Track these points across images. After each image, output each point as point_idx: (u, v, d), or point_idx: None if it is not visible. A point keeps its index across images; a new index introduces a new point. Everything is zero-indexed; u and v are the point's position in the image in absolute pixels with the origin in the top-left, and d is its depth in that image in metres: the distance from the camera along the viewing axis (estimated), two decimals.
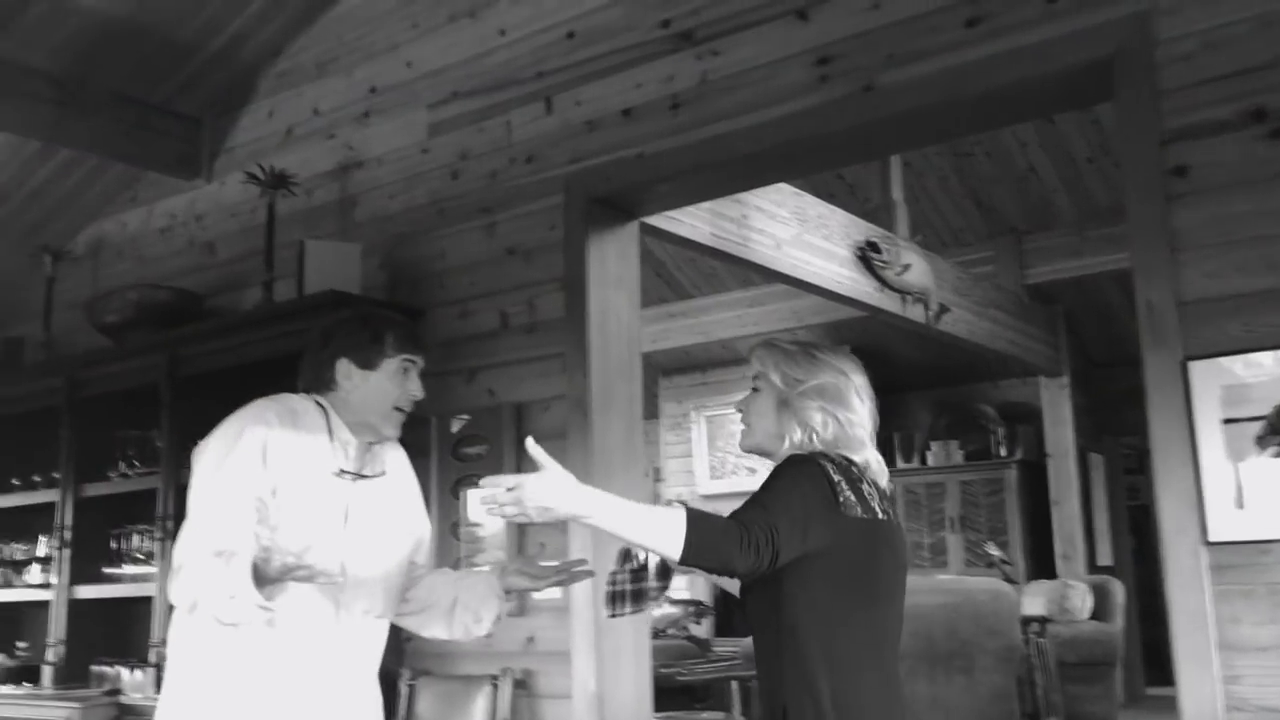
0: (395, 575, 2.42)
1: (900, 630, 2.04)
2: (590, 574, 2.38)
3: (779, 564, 1.88)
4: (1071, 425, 8.23)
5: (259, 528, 2.06)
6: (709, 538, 1.82)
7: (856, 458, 2.05)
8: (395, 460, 2.46)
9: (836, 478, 1.96)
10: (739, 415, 2.16)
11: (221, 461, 2.19)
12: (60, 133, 4.72)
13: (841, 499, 1.94)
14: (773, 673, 1.97)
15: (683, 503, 1.95)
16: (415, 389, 2.39)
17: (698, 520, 1.83)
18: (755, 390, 2.13)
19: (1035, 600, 7.01)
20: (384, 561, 2.38)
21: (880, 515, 1.99)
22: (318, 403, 2.35)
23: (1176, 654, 2.65)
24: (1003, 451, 8.76)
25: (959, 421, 9.21)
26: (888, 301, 6.06)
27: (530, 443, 1.93)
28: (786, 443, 2.07)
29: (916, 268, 6.09)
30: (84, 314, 4.97)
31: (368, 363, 2.34)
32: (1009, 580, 6.71)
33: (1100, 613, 7.23)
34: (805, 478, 1.96)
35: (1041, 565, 8.36)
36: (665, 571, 2.16)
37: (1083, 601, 7.09)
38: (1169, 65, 2.81)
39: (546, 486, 1.86)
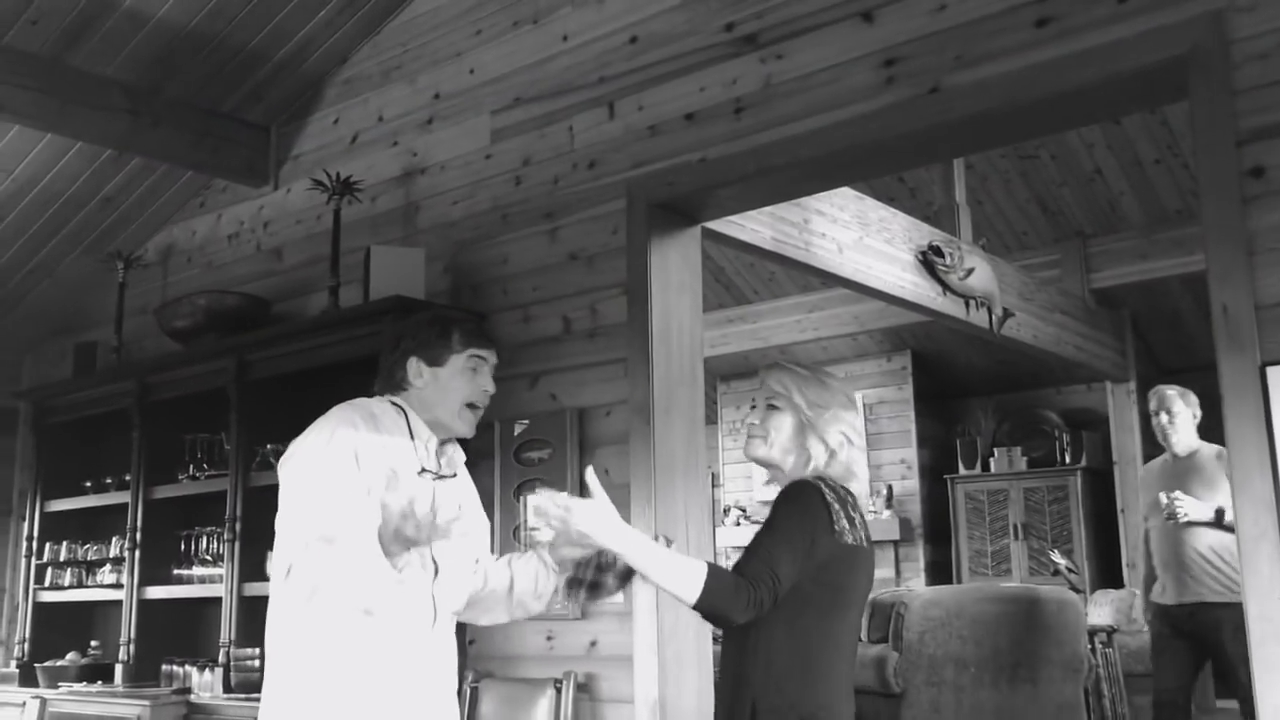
0: (469, 573, 2.45)
1: (855, 643, 2.32)
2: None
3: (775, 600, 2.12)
4: (1138, 432, 8.08)
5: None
6: (721, 594, 2.07)
7: (854, 486, 2.28)
8: (461, 460, 2.48)
9: (834, 504, 2.19)
10: (750, 428, 2.34)
11: (323, 460, 2.20)
12: (132, 141, 4.81)
13: (836, 526, 2.17)
14: (743, 670, 2.17)
15: (670, 545, 2.22)
16: (486, 384, 2.41)
17: (715, 575, 2.08)
18: (774, 408, 2.31)
19: (1102, 610, 6.88)
20: (465, 559, 2.41)
21: (864, 544, 2.24)
22: (395, 404, 2.37)
23: (1254, 664, 2.59)
24: (1067, 458, 8.63)
25: (1022, 427, 9.09)
26: (950, 306, 5.99)
27: (589, 473, 2.17)
28: (803, 461, 2.27)
29: (980, 272, 6.02)
30: (154, 319, 5.06)
31: (436, 360, 2.37)
32: (1074, 589, 6.60)
33: None
34: (805, 507, 2.19)
35: (1108, 574, 8.22)
36: (628, 575, 2.30)
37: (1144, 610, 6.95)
38: (1245, 64, 2.76)
39: (592, 516, 2.11)
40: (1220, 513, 4.68)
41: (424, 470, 2.31)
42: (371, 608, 2.14)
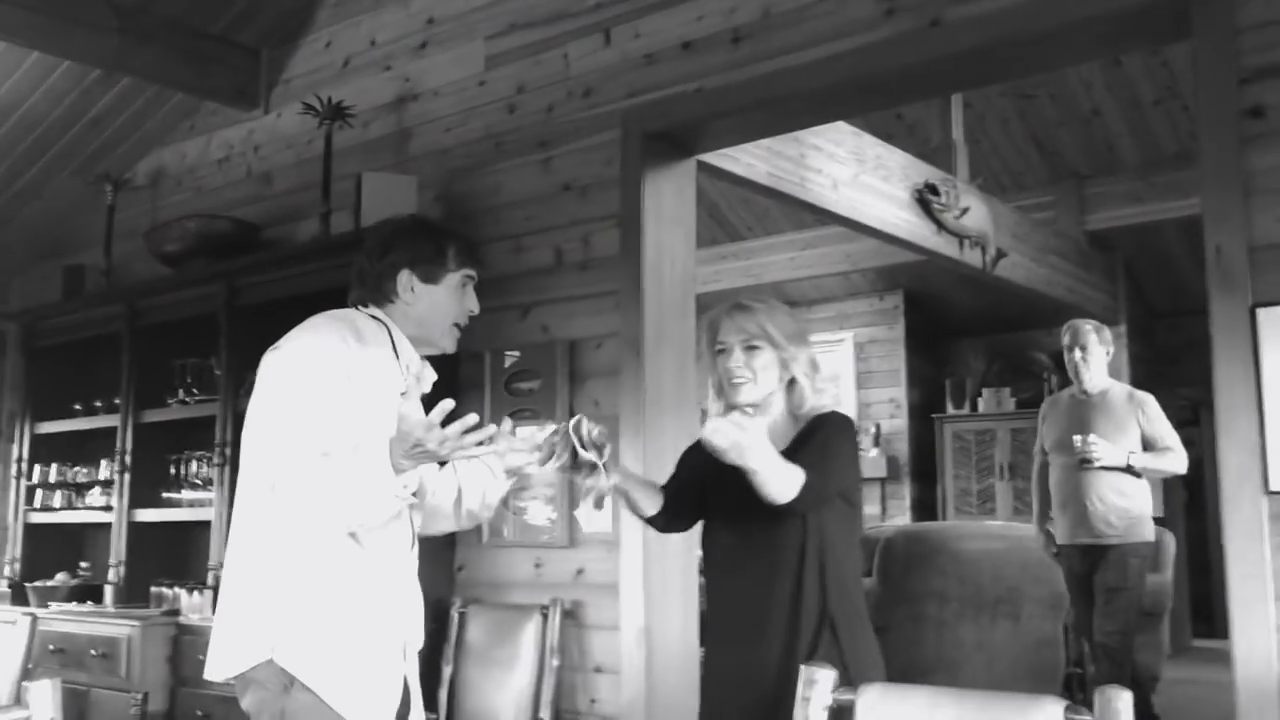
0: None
1: None
2: (560, 436, 2.35)
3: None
4: (1127, 375, 8.10)
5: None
6: (812, 491, 2.14)
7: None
8: (432, 379, 2.38)
9: (858, 436, 2.35)
10: (735, 371, 2.31)
11: (316, 372, 2.09)
12: (121, 61, 4.74)
13: (859, 452, 2.37)
14: (802, 583, 2.21)
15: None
16: (473, 304, 2.35)
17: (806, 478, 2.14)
18: (753, 349, 2.30)
19: None
20: (436, 482, 2.37)
21: None
22: (376, 318, 2.27)
23: (1232, 604, 2.62)
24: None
25: (1012, 368, 9.11)
26: (945, 245, 5.98)
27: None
28: (789, 391, 2.32)
29: (975, 211, 6.00)
30: (144, 243, 5.03)
31: (430, 276, 2.28)
32: None
33: (1150, 564, 7.16)
34: (852, 437, 2.32)
35: None
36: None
37: None
38: (1248, 1, 2.72)
39: (760, 435, 2.09)
40: (1130, 461, 4.73)
41: (405, 392, 2.23)
42: (364, 526, 2.08)
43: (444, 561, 4.05)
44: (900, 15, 3.24)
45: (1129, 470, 4.76)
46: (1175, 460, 4.84)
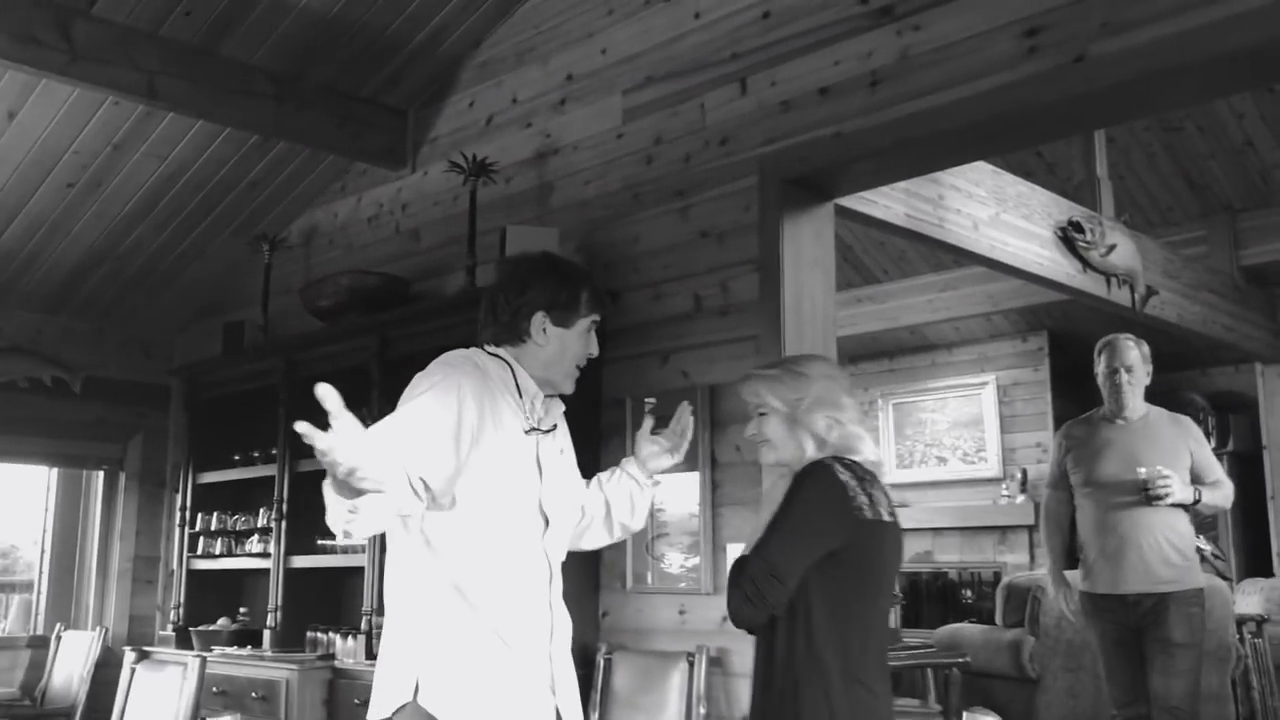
0: (572, 525, 2.46)
1: (887, 620, 2.33)
2: (690, 409, 2.55)
3: (787, 595, 2.13)
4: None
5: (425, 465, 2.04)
6: (731, 595, 2.17)
7: (860, 457, 2.26)
8: (560, 411, 2.44)
9: (849, 481, 2.18)
10: (753, 438, 2.35)
11: (419, 415, 2.12)
12: (278, 127, 4.99)
13: (855, 501, 2.16)
14: (780, 651, 2.17)
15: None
16: (594, 347, 2.40)
17: (732, 569, 2.19)
18: (762, 414, 2.32)
19: (1250, 599, 6.63)
20: (571, 512, 2.42)
21: (886, 517, 2.21)
22: (500, 357, 2.31)
23: None
24: (1213, 442, 8.29)
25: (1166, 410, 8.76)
26: (1091, 284, 5.81)
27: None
28: (804, 452, 2.26)
29: (1122, 248, 5.82)
30: (299, 299, 5.25)
31: (563, 320, 2.33)
32: (1222, 576, 6.37)
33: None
34: (817, 490, 2.18)
35: (1256, 562, 7.88)
36: None
37: None
38: None
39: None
40: (1199, 494, 4.19)
41: (532, 429, 2.28)
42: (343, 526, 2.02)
43: (588, 608, 4.08)
44: (1043, 52, 3.20)
45: (1185, 507, 4.21)
46: (1228, 494, 4.36)
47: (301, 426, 1.78)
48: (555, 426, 2.38)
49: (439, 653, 2.15)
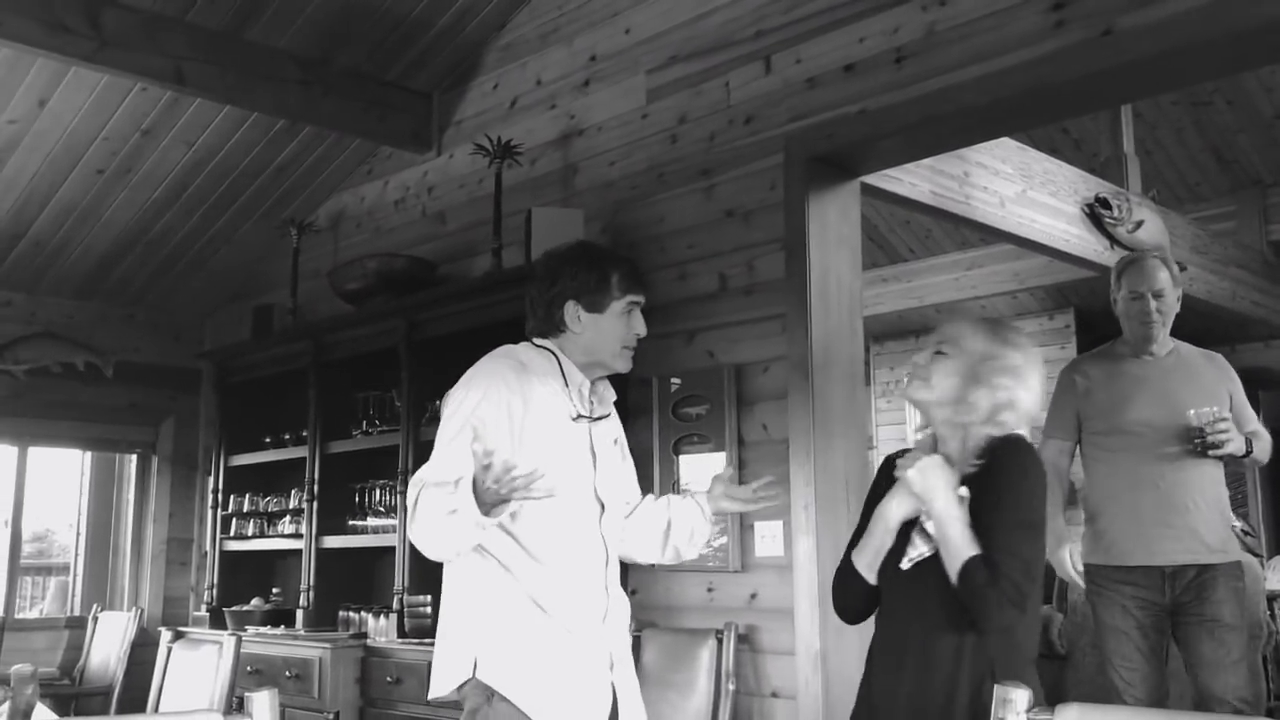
0: (624, 510, 2.52)
1: None
2: (776, 492, 2.51)
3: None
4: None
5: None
6: (974, 593, 2.03)
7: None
8: (612, 398, 2.52)
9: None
10: (915, 368, 2.25)
11: (464, 416, 2.25)
12: (304, 111, 5.02)
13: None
14: (950, 641, 2.09)
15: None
16: (640, 327, 2.45)
17: (972, 570, 2.03)
18: (941, 354, 2.23)
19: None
20: (625, 497, 2.49)
21: None
22: (546, 348, 2.40)
23: None
24: None
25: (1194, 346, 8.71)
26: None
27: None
28: (965, 409, 2.18)
29: (1150, 224, 5.78)
30: (327, 282, 5.29)
31: (595, 305, 2.38)
32: (1252, 553, 6.33)
33: None
34: (1041, 479, 2.16)
35: None
36: None
37: None
38: None
39: (940, 470, 2.11)
40: (1250, 442, 3.51)
41: (579, 416, 2.36)
42: (443, 554, 2.22)
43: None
44: (1070, 26, 3.18)
45: (1232, 460, 3.51)
46: (1268, 446, 3.67)
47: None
48: (609, 414, 2.46)
49: (496, 631, 2.24)
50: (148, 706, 3.73)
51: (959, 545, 2.06)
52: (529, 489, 2.04)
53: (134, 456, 6.71)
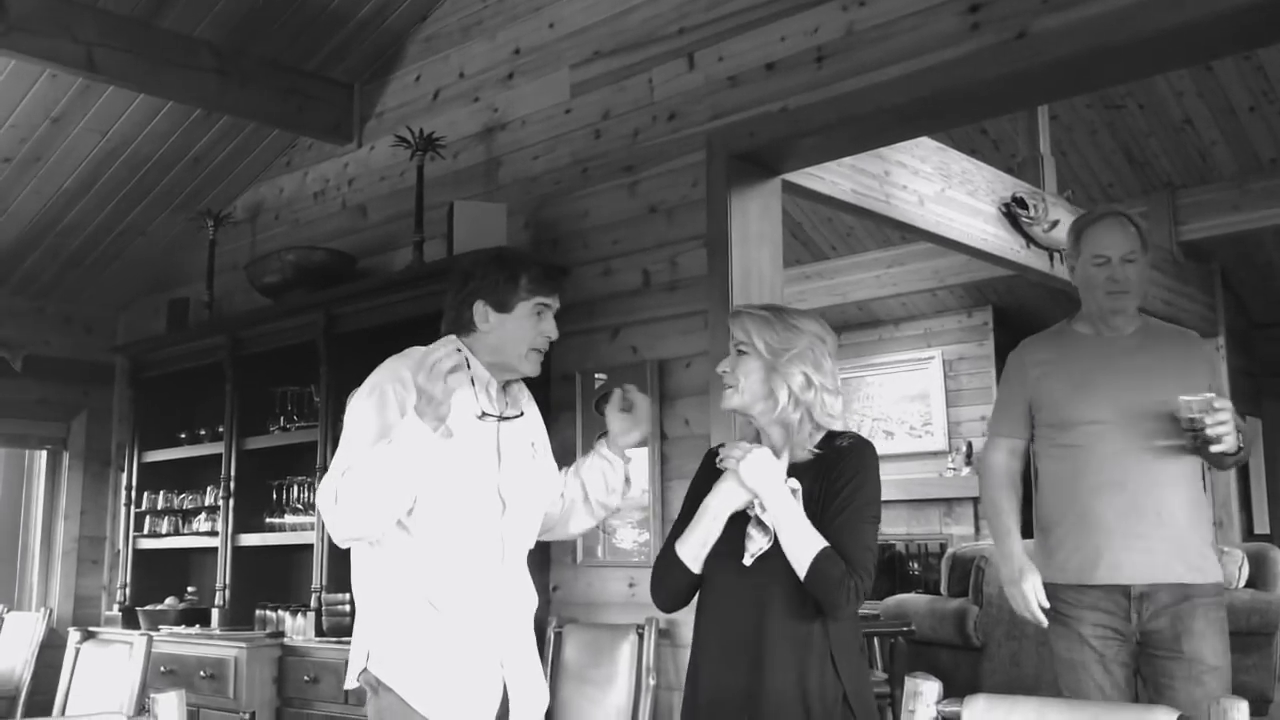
0: (541, 511, 2.54)
1: None
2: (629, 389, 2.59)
3: None
4: (1228, 388, 7.90)
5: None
6: (826, 581, 2.05)
7: (836, 424, 2.24)
8: (528, 400, 2.54)
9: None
10: (724, 376, 2.26)
11: (360, 417, 2.29)
12: (221, 101, 4.92)
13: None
14: (811, 657, 2.10)
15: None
16: (550, 330, 2.45)
17: (825, 558, 2.06)
18: (741, 353, 2.23)
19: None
20: (535, 498, 2.49)
21: None
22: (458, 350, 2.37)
23: None
24: None
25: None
26: (1034, 259, 5.91)
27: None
28: (772, 404, 2.20)
29: (1065, 224, 5.91)
30: (244, 275, 5.20)
31: (502, 305, 2.39)
32: None
33: (1257, 581, 6.95)
34: (878, 477, 2.19)
35: None
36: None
37: (1239, 569, 6.83)
38: None
39: (771, 463, 2.14)
40: (1242, 439, 2.80)
41: (485, 414, 2.37)
42: (351, 530, 2.24)
43: (539, 582, 4.07)
44: (986, 28, 3.23)
45: (1216, 459, 2.82)
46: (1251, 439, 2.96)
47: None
48: (521, 414, 2.47)
49: (386, 624, 2.30)
50: (54, 710, 3.63)
51: (807, 538, 2.07)
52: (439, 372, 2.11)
53: (44, 453, 6.53)
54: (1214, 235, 7.41)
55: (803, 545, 2.07)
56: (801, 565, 2.06)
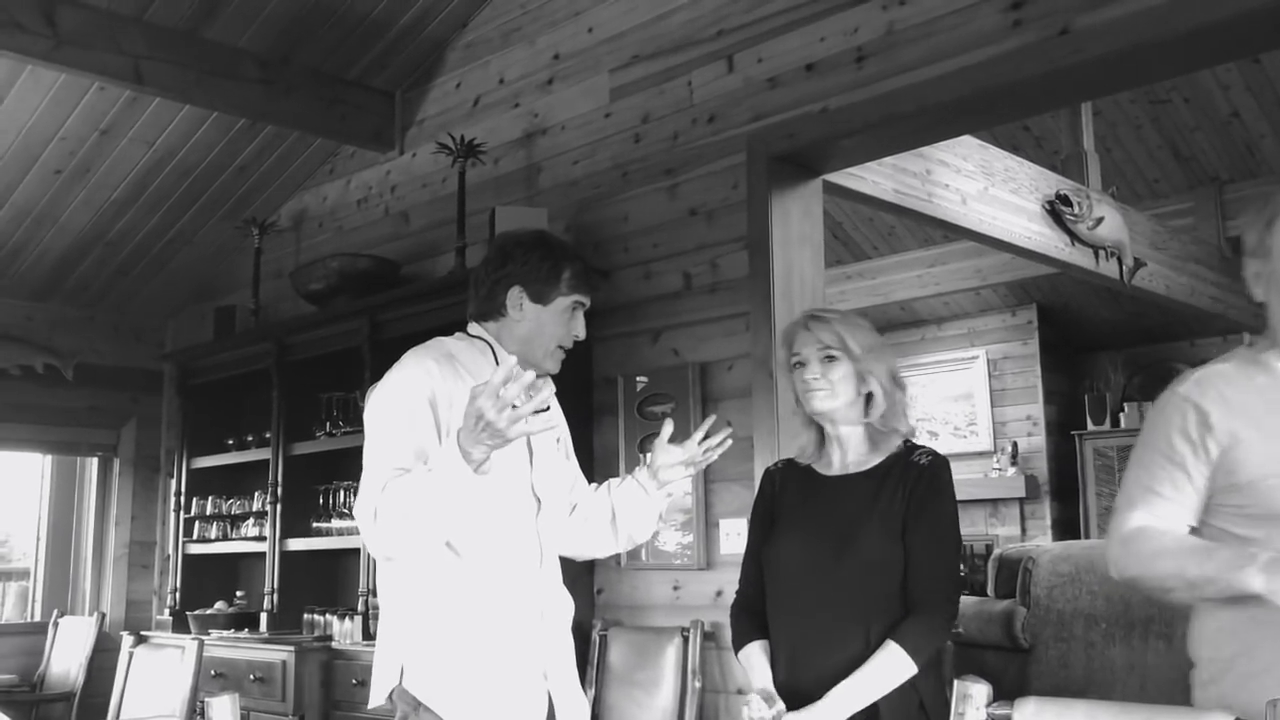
0: (567, 512, 2.39)
1: None
2: (729, 433, 2.35)
3: None
4: None
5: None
6: (931, 646, 2.12)
7: (907, 427, 2.30)
8: (550, 392, 2.27)
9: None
10: (811, 382, 2.25)
11: (393, 417, 2.12)
12: (265, 110, 4.98)
13: None
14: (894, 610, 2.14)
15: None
16: (580, 330, 2.32)
17: (917, 647, 2.09)
18: (831, 359, 2.24)
19: None
20: (566, 496, 2.37)
21: None
22: (478, 338, 2.28)
23: None
24: None
25: (1154, 381, 8.80)
26: (1079, 257, 5.84)
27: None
28: (860, 405, 2.24)
29: (1110, 221, 5.85)
30: (289, 283, 5.25)
31: (540, 296, 2.26)
32: None
33: None
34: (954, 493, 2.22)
35: None
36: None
37: None
38: None
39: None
40: None
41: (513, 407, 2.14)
42: (439, 537, 2.02)
43: (584, 585, 4.11)
44: (1028, 26, 3.21)
45: None
46: None
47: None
48: (547, 409, 2.29)
49: (422, 636, 2.14)
50: (109, 713, 3.69)
51: (878, 678, 2.08)
52: (526, 411, 1.83)
53: (95, 459, 6.63)
54: None
55: (891, 673, 2.09)
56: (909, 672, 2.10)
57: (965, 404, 9.00)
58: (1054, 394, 8.85)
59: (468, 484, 1.90)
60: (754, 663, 2.26)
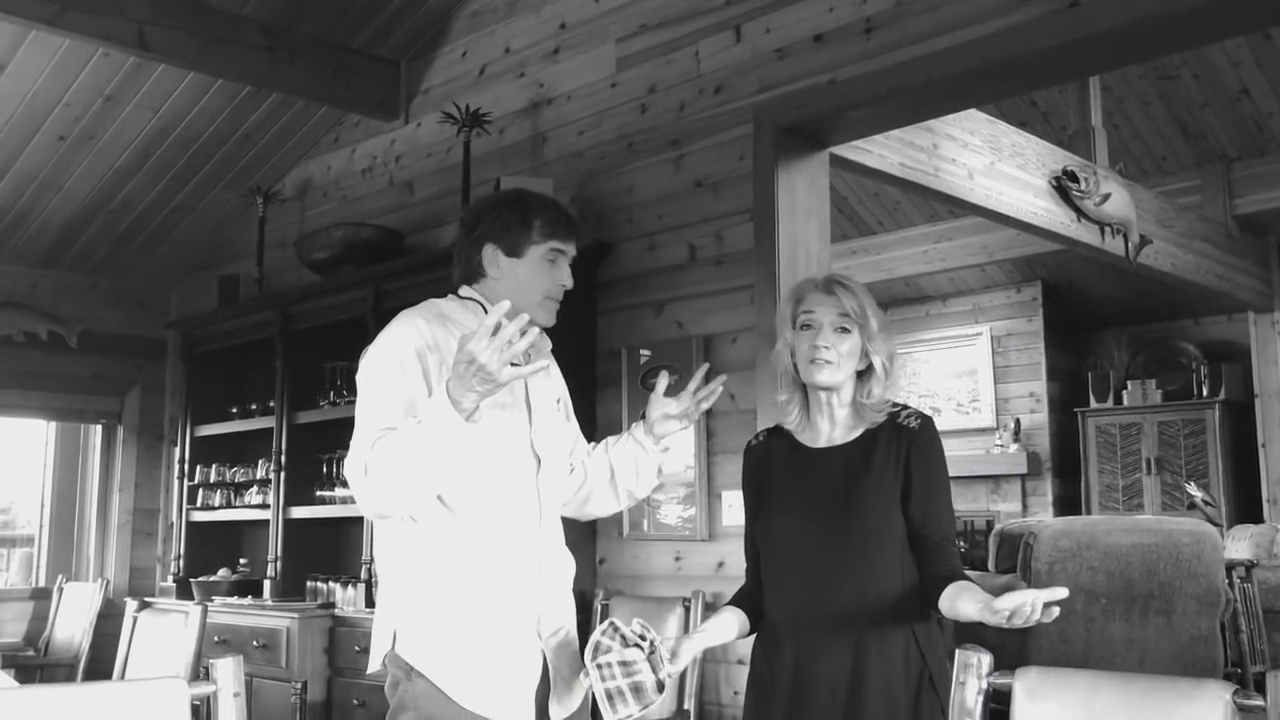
0: (567, 473, 2.36)
1: None
2: (723, 379, 2.33)
3: None
4: None
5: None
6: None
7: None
8: (547, 348, 2.31)
9: None
10: (820, 351, 2.13)
11: (383, 378, 2.08)
12: (270, 78, 4.96)
13: None
14: (896, 597, 2.10)
15: None
16: (565, 278, 2.24)
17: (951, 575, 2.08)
18: (845, 330, 2.14)
19: (1240, 544, 6.69)
20: (565, 454, 2.34)
21: None
22: (468, 298, 2.25)
23: None
24: (1204, 391, 8.36)
25: (1157, 360, 8.82)
26: (1085, 234, 5.82)
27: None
28: (850, 381, 2.17)
29: (1116, 198, 5.82)
30: (293, 252, 5.25)
31: (513, 249, 2.20)
32: (1212, 522, 6.43)
33: None
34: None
35: (1247, 509, 7.97)
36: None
37: None
38: None
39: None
40: None
41: (511, 364, 2.03)
42: (430, 490, 1.99)
43: (585, 554, 4.13)
44: None
45: None
46: None
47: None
48: (546, 366, 2.22)
49: (416, 600, 2.11)
50: (113, 676, 3.71)
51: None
52: (519, 349, 1.82)
53: (99, 427, 6.65)
54: (1271, 208, 7.27)
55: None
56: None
57: (968, 380, 9.01)
58: (1057, 371, 8.86)
59: (457, 434, 1.89)
60: (717, 616, 2.23)
